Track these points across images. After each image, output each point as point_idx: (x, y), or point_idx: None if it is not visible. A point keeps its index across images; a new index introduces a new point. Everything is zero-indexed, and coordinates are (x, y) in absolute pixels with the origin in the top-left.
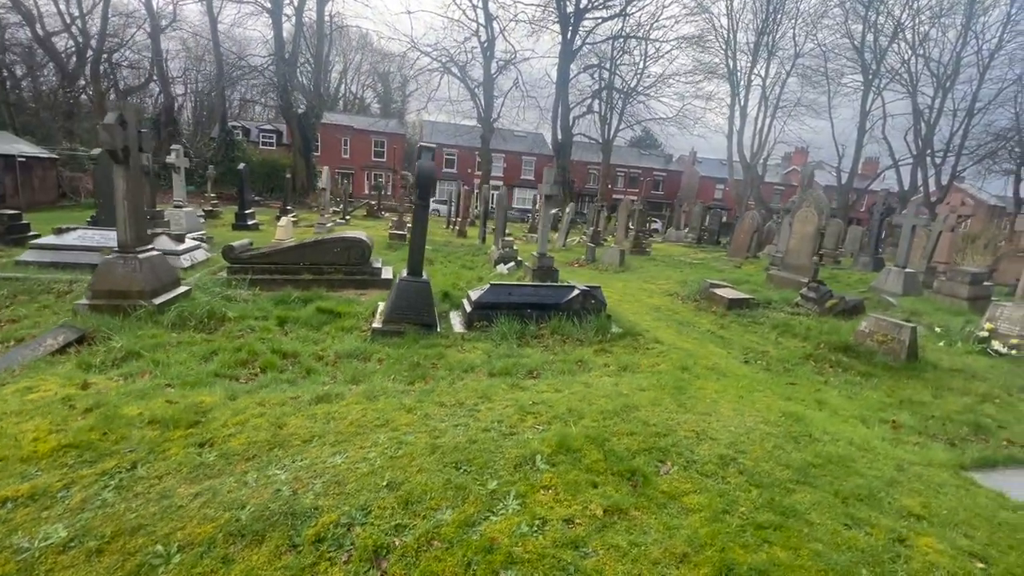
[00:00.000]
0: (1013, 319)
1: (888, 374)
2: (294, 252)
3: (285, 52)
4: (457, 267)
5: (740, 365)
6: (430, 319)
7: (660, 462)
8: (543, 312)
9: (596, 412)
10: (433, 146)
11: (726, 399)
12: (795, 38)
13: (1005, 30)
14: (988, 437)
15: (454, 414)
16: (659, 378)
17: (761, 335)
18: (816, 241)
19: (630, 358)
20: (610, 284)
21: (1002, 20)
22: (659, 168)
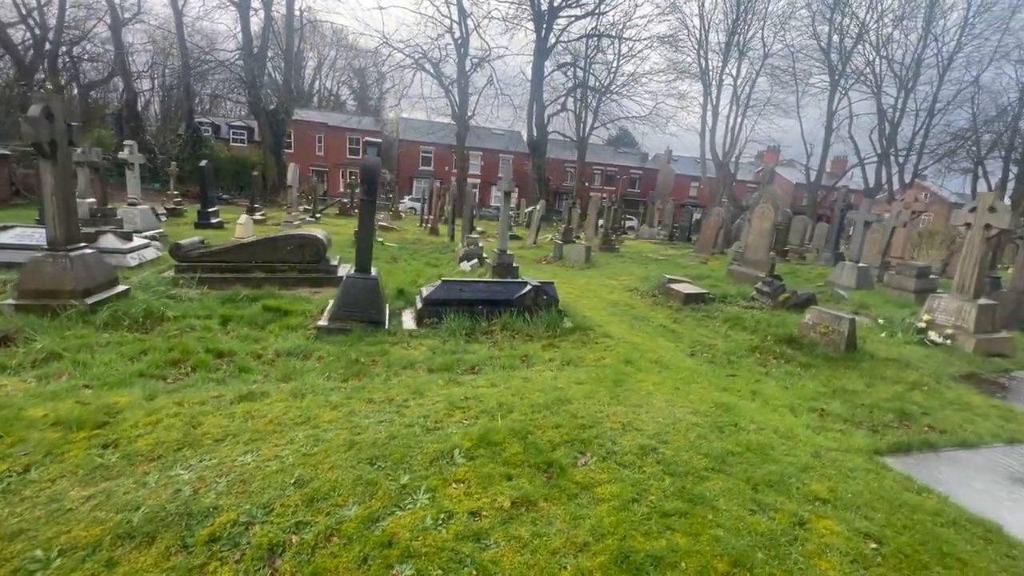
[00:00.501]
0: (948, 310)
1: (828, 364)
2: (245, 250)
3: (253, 47)
4: (421, 264)
5: (686, 358)
6: (378, 316)
7: (580, 453)
8: (495, 308)
9: (527, 406)
10: (379, 141)
11: (662, 391)
12: (764, 38)
13: (963, 33)
14: (911, 423)
15: (381, 410)
16: (600, 372)
17: (712, 329)
18: (772, 237)
19: (577, 352)
20: (573, 280)
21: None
22: (635, 166)
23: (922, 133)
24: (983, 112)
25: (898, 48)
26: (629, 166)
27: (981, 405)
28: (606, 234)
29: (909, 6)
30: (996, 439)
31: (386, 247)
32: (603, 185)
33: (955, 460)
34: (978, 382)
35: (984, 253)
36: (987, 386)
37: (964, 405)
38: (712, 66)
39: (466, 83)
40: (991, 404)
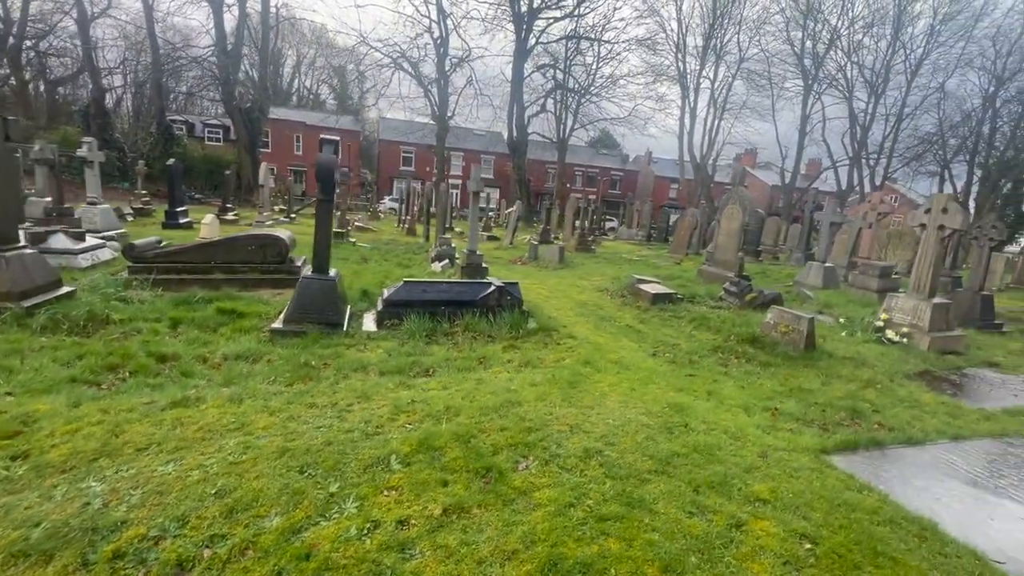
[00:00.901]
0: (905, 309)
1: (787, 363)
2: (204, 250)
3: (228, 44)
4: (392, 265)
5: (647, 358)
6: (335, 318)
7: (523, 457)
8: (458, 309)
9: (476, 408)
10: (336, 139)
11: (617, 392)
12: (739, 43)
13: (929, 41)
14: (861, 421)
15: (322, 415)
16: (557, 373)
17: (677, 328)
18: (741, 237)
19: (537, 353)
20: (544, 281)
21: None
22: (616, 167)
23: (891, 137)
24: (949, 117)
25: (868, 54)
26: (610, 167)
27: (930, 402)
28: (582, 235)
29: (878, 14)
30: (942, 436)
31: (358, 248)
32: (584, 186)
33: (900, 458)
34: (930, 380)
35: (939, 253)
36: (938, 383)
37: (914, 403)
38: (690, 69)
39: (446, 83)
40: (940, 401)
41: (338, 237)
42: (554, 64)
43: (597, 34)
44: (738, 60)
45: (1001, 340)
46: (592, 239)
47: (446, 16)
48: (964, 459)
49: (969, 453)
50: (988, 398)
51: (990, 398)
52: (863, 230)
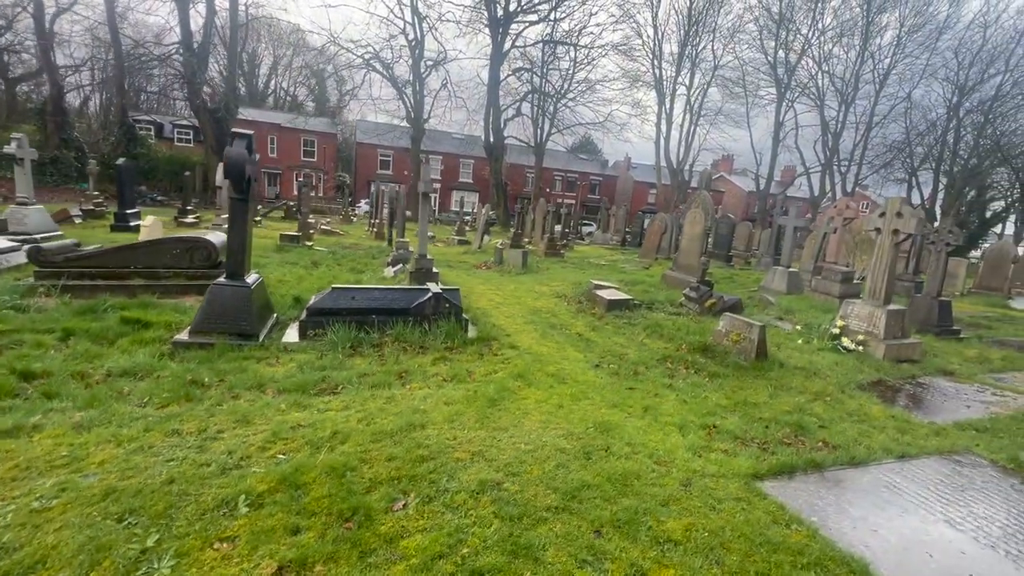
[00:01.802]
0: (861, 316)
1: (737, 374)
2: (122, 254)
3: (194, 42)
4: (344, 270)
5: (589, 370)
6: (249, 328)
7: (403, 494)
8: (390, 318)
9: (369, 433)
10: (249, 133)
11: (542, 410)
12: (714, 51)
13: (896, 52)
14: (805, 439)
15: (180, 445)
16: (482, 389)
17: (629, 337)
18: (703, 241)
19: (468, 366)
20: (502, 287)
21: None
22: (595, 172)
23: (861, 145)
24: (915, 126)
25: (838, 64)
26: (589, 172)
27: (880, 416)
28: (551, 239)
29: (847, 25)
30: (888, 454)
31: (313, 252)
32: (564, 191)
33: (840, 481)
34: (884, 390)
35: (893, 258)
36: (891, 394)
37: (863, 416)
38: (666, 76)
39: (421, 86)
40: (890, 415)
41: (292, 240)
42: (531, 68)
43: (573, 39)
44: (713, 67)
45: (958, 347)
46: (565, 243)
47: (422, 18)
48: (909, 481)
49: (915, 474)
50: (940, 410)
51: (942, 410)
52: (828, 235)
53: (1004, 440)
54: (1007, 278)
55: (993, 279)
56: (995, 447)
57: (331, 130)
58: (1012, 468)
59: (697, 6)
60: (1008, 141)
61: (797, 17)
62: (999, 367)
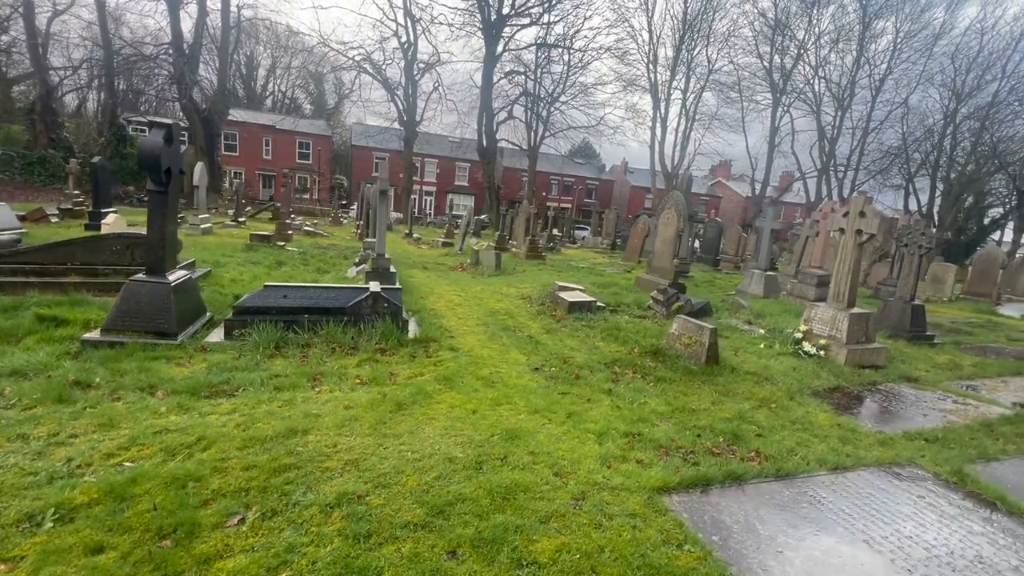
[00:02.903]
0: (824, 319)
1: (685, 378)
2: (60, 251)
3: (184, 43)
4: (310, 271)
5: (526, 373)
6: (167, 327)
7: (245, 508)
8: (323, 317)
9: (241, 439)
10: (168, 122)
11: (451, 416)
12: (708, 56)
13: (892, 57)
14: (737, 448)
15: (19, 450)
16: (396, 392)
17: (583, 339)
18: (676, 244)
19: (394, 368)
20: (469, 288)
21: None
22: (592, 177)
23: (858, 150)
24: (912, 132)
25: (835, 69)
26: (586, 177)
27: (825, 424)
28: (532, 242)
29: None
30: (822, 466)
31: (284, 252)
32: (560, 195)
33: (758, 495)
34: (839, 397)
35: (857, 259)
36: (845, 401)
37: (806, 425)
38: (661, 80)
39: (414, 88)
40: (836, 423)
41: (264, 240)
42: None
43: (567, 42)
44: (707, 72)
45: (929, 352)
46: (552, 246)
47: (415, 21)
48: (837, 495)
49: (846, 487)
50: (894, 418)
51: (896, 418)
52: (809, 238)
53: (953, 451)
54: (995, 284)
55: (982, 285)
56: (941, 458)
57: (326, 132)
58: (954, 482)
59: (692, 10)
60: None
61: (793, 22)
62: (969, 374)
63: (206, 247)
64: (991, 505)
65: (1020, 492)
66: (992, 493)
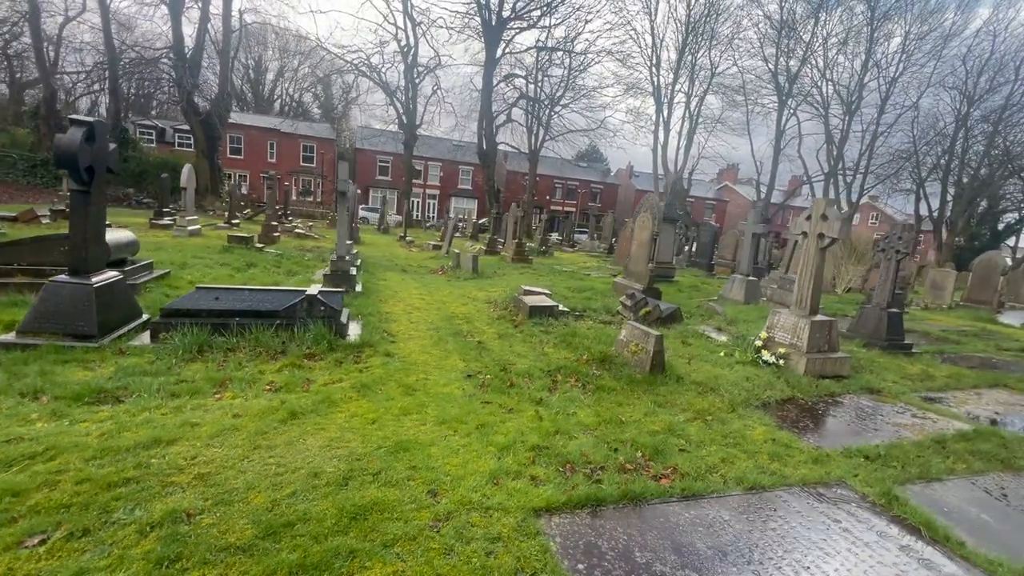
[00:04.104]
0: (786, 327)
1: (627, 388)
2: (6, 251)
3: (185, 47)
4: (280, 273)
5: (457, 381)
6: (87, 329)
7: (56, 525)
8: (255, 320)
9: (94, 450)
10: (90, 120)
11: (346, 427)
12: (711, 58)
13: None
14: (654, 464)
15: None
16: (298, 400)
17: (534, 345)
18: (651, 247)
19: (314, 375)
20: (437, 291)
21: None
22: (597, 180)
23: (867, 154)
24: (923, 136)
25: (843, 72)
26: (591, 180)
27: (759, 439)
28: (519, 245)
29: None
30: (739, 485)
31: (262, 254)
32: (564, 199)
33: (653, 517)
34: (789, 409)
35: (819, 263)
36: (794, 414)
37: (738, 439)
38: (664, 83)
39: (414, 92)
40: (772, 438)
41: (242, 242)
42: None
43: (568, 45)
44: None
45: (902, 362)
46: (544, 250)
47: (415, 24)
48: (741, 518)
49: (756, 509)
50: (840, 433)
51: (843, 433)
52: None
53: (892, 470)
54: (996, 291)
55: (982, 292)
56: (875, 478)
57: (330, 136)
58: (881, 505)
59: (696, 13)
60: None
61: (799, 24)
62: (940, 385)
63: (183, 248)
64: (914, 531)
65: (955, 516)
66: (919, 518)
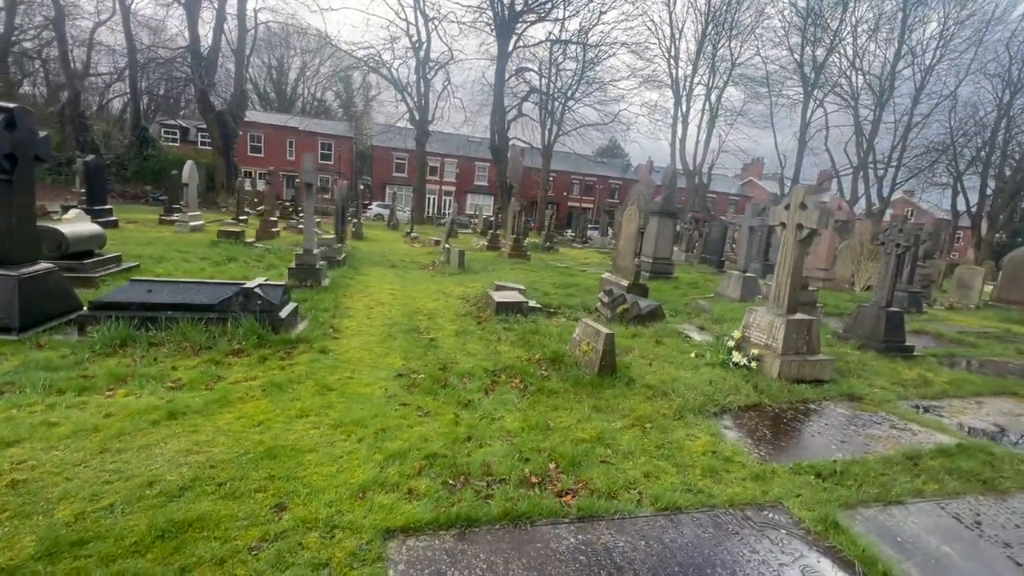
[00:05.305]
0: (762, 326)
1: (572, 390)
2: None
3: (200, 46)
4: (260, 268)
5: (385, 380)
6: (8, 321)
7: None
8: (189, 314)
9: None
10: (10, 107)
11: (221, 430)
12: (731, 48)
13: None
14: (565, 477)
15: None
16: (188, 399)
17: (489, 343)
18: (638, 241)
19: (230, 372)
20: (414, 286)
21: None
22: (615, 176)
23: (899, 146)
24: (961, 126)
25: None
26: (609, 176)
27: (697, 451)
28: (516, 240)
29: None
30: (653, 505)
31: (250, 248)
32: (581, 195)
33: (530, 542)
34: (749, 417)
35: (798, 257)
36: (754, 422)
37: (673, 451)
38: (683, 75)
39: (426, 87)
40: (712, 449)
41: (231, 237)
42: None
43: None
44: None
45: (898, 366)
46: (548, 246)
47: (428, 19)
48: (636, 545)
49: (658, 536)
50: (799, 446)
51: (801, 446)
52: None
53: (844, 490)
54: None
55: (1013, 291)
56: (818, 500)
57: (348, 134)
58: (816, 533)
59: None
60: None
61: (827, 11)
62: (937, 392)
63: (174, 244)
64: (847, 565)
65: (909, 548)
66: (856, 550)
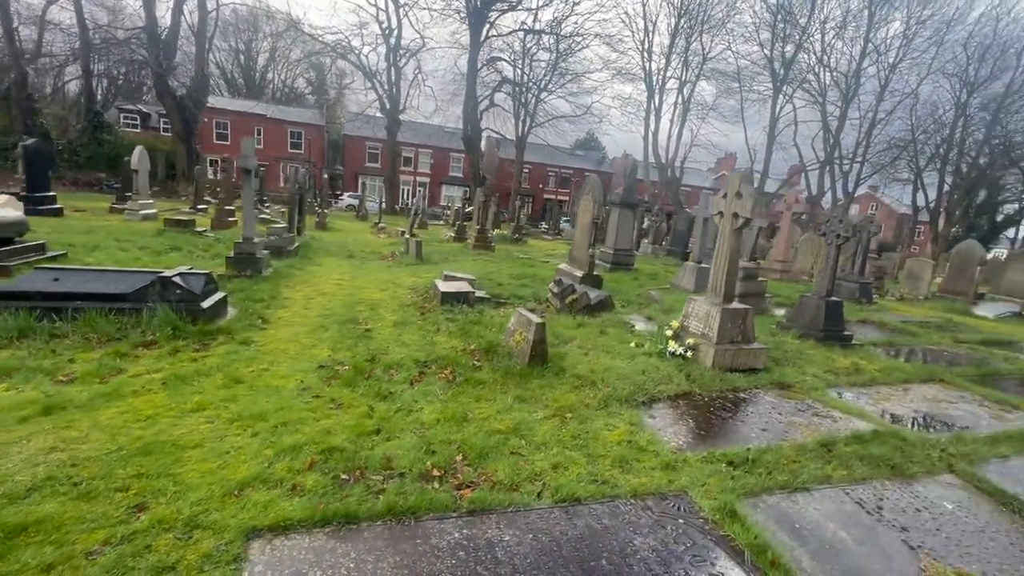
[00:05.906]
0: (699, 315)
1: (501, 380)
2: None
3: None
4: (206, 257)
5: (303, 372)
6: None
7: None
8: (100, 304)
9: None
10: None
11: (99, 425)
12: (703, 43)
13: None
14: (470, 469)
15: None
16: (71, 393)
17: (426, 334)
18: (592, 232)
19: (134, 364)
20: (364, 276)
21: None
22: (591, 168)
23: (864, 142)
24: (921, 124)
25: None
26: (585, 168)
27: (613, 441)
28: (481, 231)
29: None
30: (552, 496)
31: (201, 238)
32: (557, 187)
33: (412, 538)
34: (676, 406)
35: (734, 246)
36: (680, 411)
37: (588, 442)
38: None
39: (397, 75)
40: (628, 439)
41: (180, 225)
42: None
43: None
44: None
45: (834, 354)
46: (517, 237)
47: (399, 6)
48: (523, 539)
49: (552, 526)
50: (718, 434)
51: (720, 434)
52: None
53: (752, 479)
54: (972, 281)
55: (959, 283)
56: (725, 488)
57: (318, 122)
58: (714, 522)
59: None
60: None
61: (795, 7)
62: (867, 380)
63: (113, 232)
64: (737, 555)
65: (805, 534)
66: (748, 537)
